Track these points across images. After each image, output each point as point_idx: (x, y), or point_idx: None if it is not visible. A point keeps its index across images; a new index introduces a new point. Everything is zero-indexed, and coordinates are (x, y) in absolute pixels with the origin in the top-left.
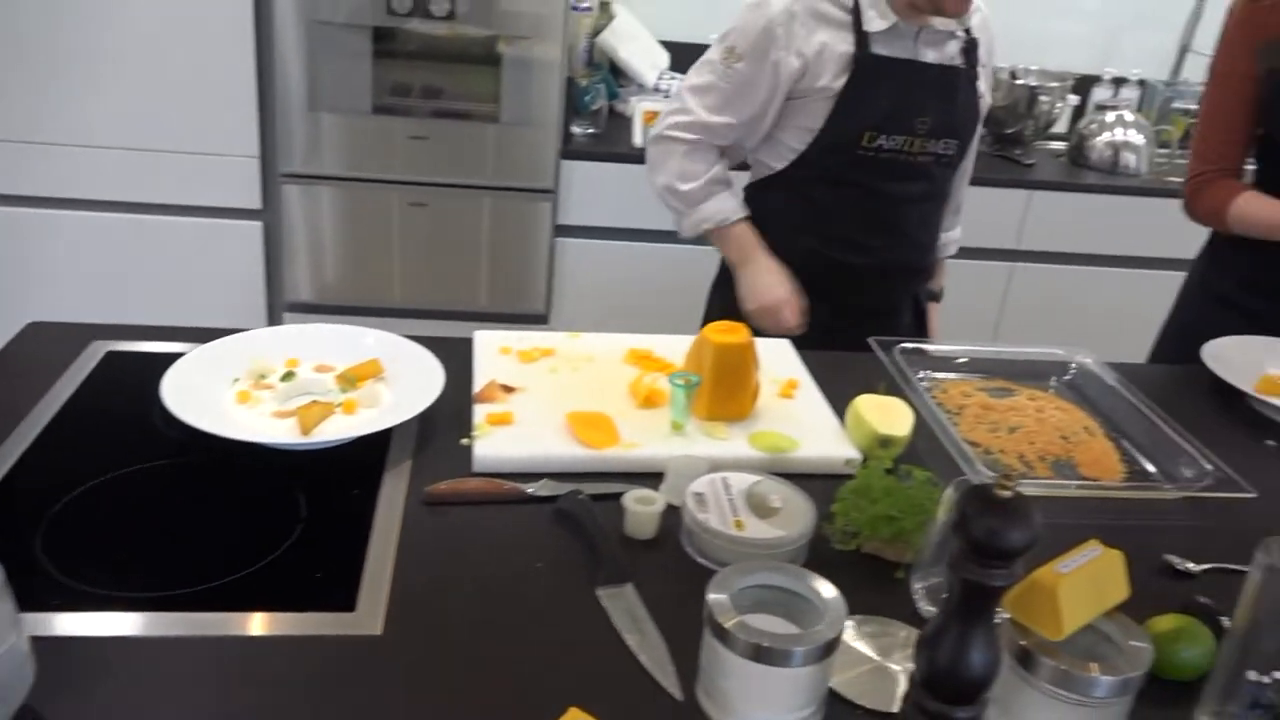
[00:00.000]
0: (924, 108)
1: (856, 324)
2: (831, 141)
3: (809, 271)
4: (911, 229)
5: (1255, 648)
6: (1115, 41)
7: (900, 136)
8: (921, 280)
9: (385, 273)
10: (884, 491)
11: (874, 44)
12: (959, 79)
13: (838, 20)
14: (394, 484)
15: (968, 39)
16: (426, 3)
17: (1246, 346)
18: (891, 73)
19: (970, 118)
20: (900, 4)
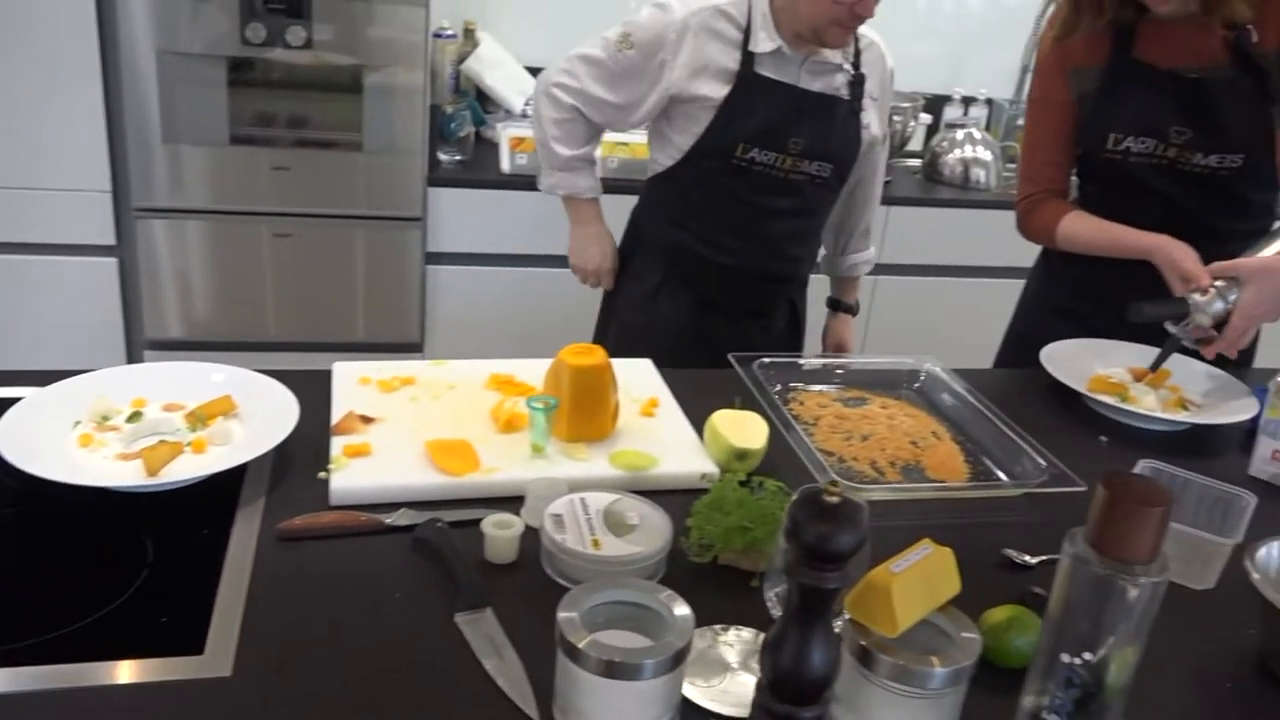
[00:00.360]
0: (798, 129)
1: (732, 322)
2: (710, 148)
3: (678, 261)
4: (778, 239)
5: (1068, 632)
6: (963, 62)
7: (773, 153)
8: (796, 289)
9: (256, 306)
10: (737, 503)
11: (759, 65)
12: (839, 108)
13: (730, 38)
14: (247, 522)
15: (855, 73)
16: (282, 32)
17: (1079, 350)
18: (770, 92)
19: (849, 146)
20: (788, 32)
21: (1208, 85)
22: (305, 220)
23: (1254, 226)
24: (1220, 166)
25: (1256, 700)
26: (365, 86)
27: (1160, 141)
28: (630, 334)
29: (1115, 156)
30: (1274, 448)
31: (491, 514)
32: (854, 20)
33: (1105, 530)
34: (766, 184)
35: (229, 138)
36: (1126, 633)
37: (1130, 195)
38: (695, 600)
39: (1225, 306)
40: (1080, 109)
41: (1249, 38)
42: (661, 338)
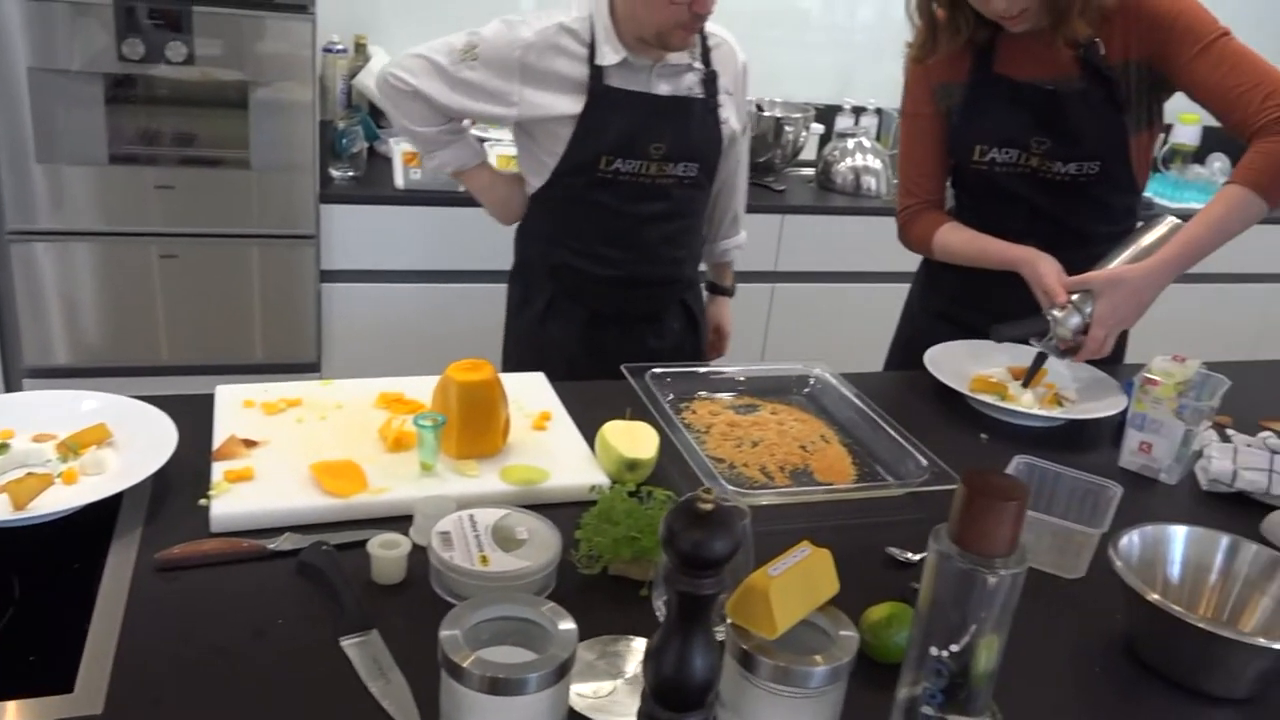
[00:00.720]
0: (659, 134)
1: (625, 331)
2: (574, 164)
3: (563, 279)
4: (655, 245)
5: (936, 625)
6: (853, 73)
7: (636, 161)
8: (684, 289)
9: (147, 330)
10: (625, 514)
11: (608, 77)
12: (695, 107)
13: (576, 53)
14: (122, 553)
15: (706, 71)
16: (162, 48)
17: (961, 351)
18: (622, 103)
19: (711, 143)
20: (631, 40)
21: (1063, 97)
22: (193, 240)
23: (1118, 229)
24: (1080, 174)
25: (1123, 682)
26: (252, 102)
27: (1023, 151)
28: (528, 355)
29: (982, 167)
30: (1140, 440)
31: (379, 534)
32: (695, 20)
33: (966, 526)
34: (635, 192)
35: (108, 157)
36: (989, 622)
37: (999, 203)
38: (586, 612)
39: (1082, 320)
40: (948, 122)
41: (1097, 51)
42: (558, 355)
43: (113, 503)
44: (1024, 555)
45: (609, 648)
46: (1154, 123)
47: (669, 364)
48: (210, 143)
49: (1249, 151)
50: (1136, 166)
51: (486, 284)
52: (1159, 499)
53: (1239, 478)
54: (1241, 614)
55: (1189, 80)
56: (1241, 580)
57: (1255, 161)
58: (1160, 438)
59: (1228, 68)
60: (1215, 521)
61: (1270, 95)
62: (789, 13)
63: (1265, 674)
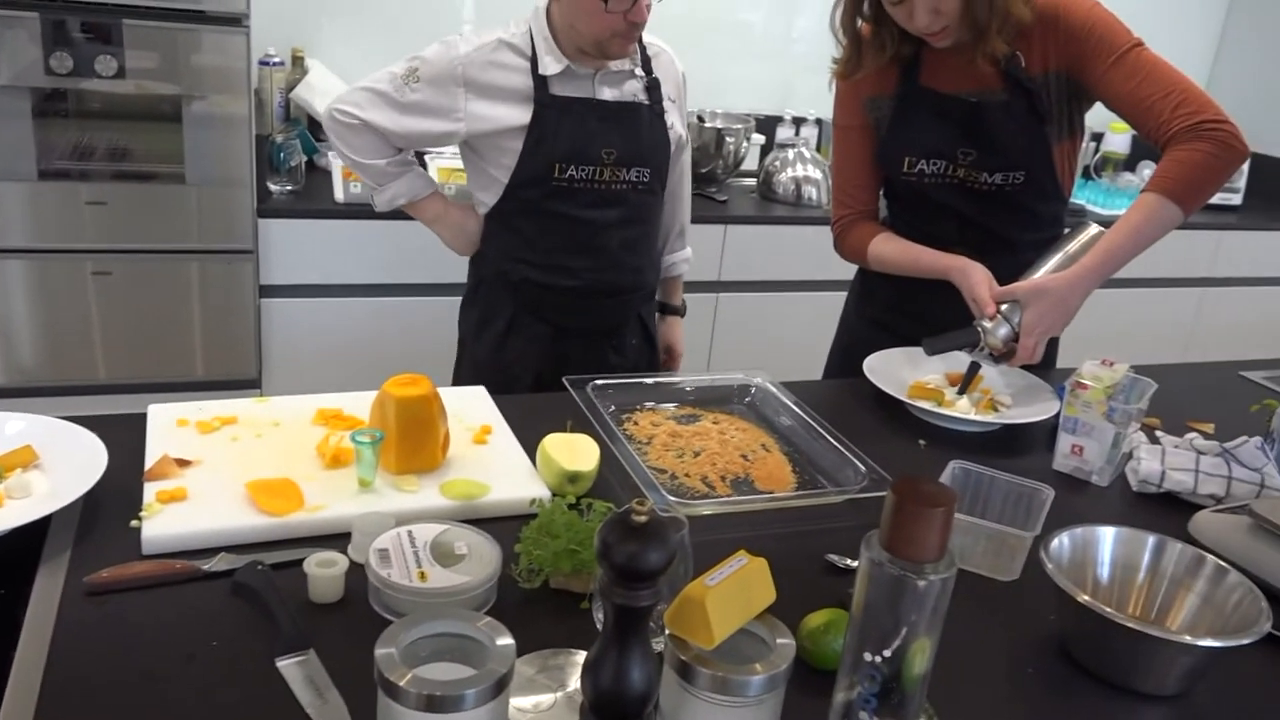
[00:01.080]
0: (608, 139)
1: (586, 346)
2: (528, 176)
3: (524, 295)
4: (615, 251)
5: (869, 630)
6: (793, 84)
7: (589, 166)
8: (642, 301)
9: (83, 349)
10: (565, 526)
11: (552, 86)
12: (642, 112)
13: (517, 66)
14: (50, 578)
15: (649, 79)
16: (92, 61)
17: (899, 358)
18: (569, 109)
19: (660, 148)
20: (571, 50)
21: (986, 108)
22: (128, 256)
23: (1045, 236)
24: (1006, 183)
25: (1057, 682)
26: (186, 116)
27: (950, 162)
28: (486, 374)
29: (912, 178)
30: (1072, 443)
31: (316, 553)
32: (631, 29)
33: (895, 532)
34: (592, 198)
35: (38, 172)
36: (921, 626)
37: (930, 213)
38: (527, 626)
39: (1011, 329)
40: (877, 135)
41: (1019, 63)
42: (520, 373)
43: (40, 526)
44: (953, 560)
45: (550, 661)
46: (1076, 132)
47: (610, 375)
48: (144, 157)
49: (1162, 160)
50: (1061, 175)
51: (429, 297)
52: (1091, 500)
53: (1167, 478)
54: (1169, 611)
55: (1104, 91)
56: (1168, 579)
57: (1169, 170)
58: (1091, 440)
59: (1140, 78)
60: (1145, 522)
61: (1180, 104)
62: (731, 25)
63: (1192, 670)
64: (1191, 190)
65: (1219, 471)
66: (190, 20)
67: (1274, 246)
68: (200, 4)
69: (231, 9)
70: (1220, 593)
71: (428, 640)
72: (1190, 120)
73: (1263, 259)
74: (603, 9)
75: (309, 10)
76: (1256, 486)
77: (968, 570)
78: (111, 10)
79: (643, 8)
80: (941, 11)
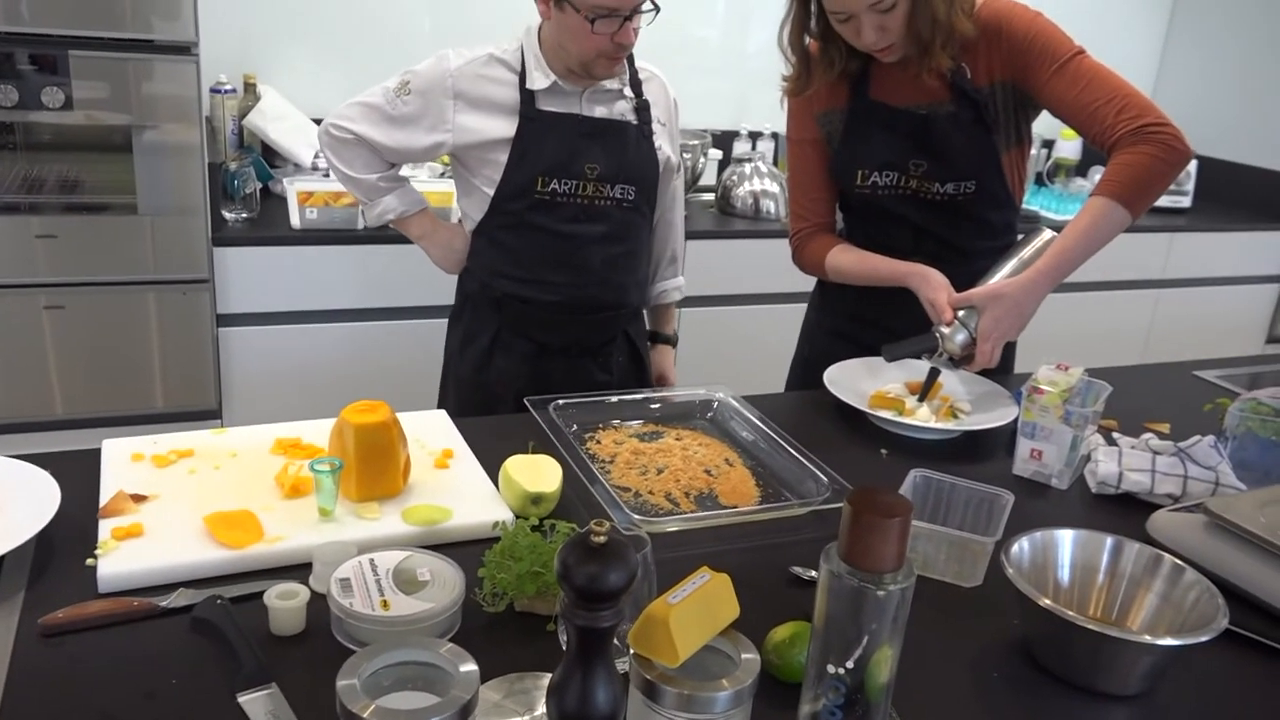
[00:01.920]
0: (591, 155)
1: (571, 364)
2: (512, 189)
3: (508, 311)
4: (599, 267)
5: (831, 641)
6: (748, 99)
7: (572, 181)
8: (628, 320)
9: (37, 384)
10: (528, 549)
11: (539, 101)
12: (629, 131)
13: (506, 80)
14: (2, 620)
15: (639, 100)
16: (38, 93)
17: (859, 368)
18: (555, 124)
19: (646, 167)
20: (560, 69)
21: (935, 120)
22: (81, 290)
23: (998, 243)
24: (958, 193)
25: (1021, 686)
26: (137, 146)
27: (902, 174)
28: (470, 393)
29: (865, 190)
30: (1031, 447)
31: (276, 585)
32: (618, 50)
33: (853, 544)
34: (574, 213)
35: None
36: (882, 635)
37: (884, 224)
38: (492, 650)
39: (969, 335)
40: (829, 148)
41: (965, 75)
42: (503, 390)
43: None
44: (912, 569)
45: (515, 685)
46: (1024, 140)
47: (571, 395)
48: (95, 188)
49: (1109, 164)
50: (1011, 183)
51: (390, 321)
52: (1052, 504)
53: (1125, 479)
54: (1129, 611)
55: (1049, 98)
56: (1127, 578)
57: (1115, 174)
58: (1049, 444)
59: (1083, 85)
60: (1104, 523)
61: (1123, 110)
62: (686, 41)
63: (1153, 669)
64: (1138, 192)
65: (1175, 471)
66: (139, 50)
67: (1224, 247)
68: (150, 34)
69: (181, 38)
70: (1178, 591)
71: (390, 669)
72: (1133, 124)
73: (1213, 259)
74: (589, 30)
75: (261, 37)
76: (1211, 485)
77: (931, 578)
78: (57, 42)
79: (629, 30)
80: (887, 29)
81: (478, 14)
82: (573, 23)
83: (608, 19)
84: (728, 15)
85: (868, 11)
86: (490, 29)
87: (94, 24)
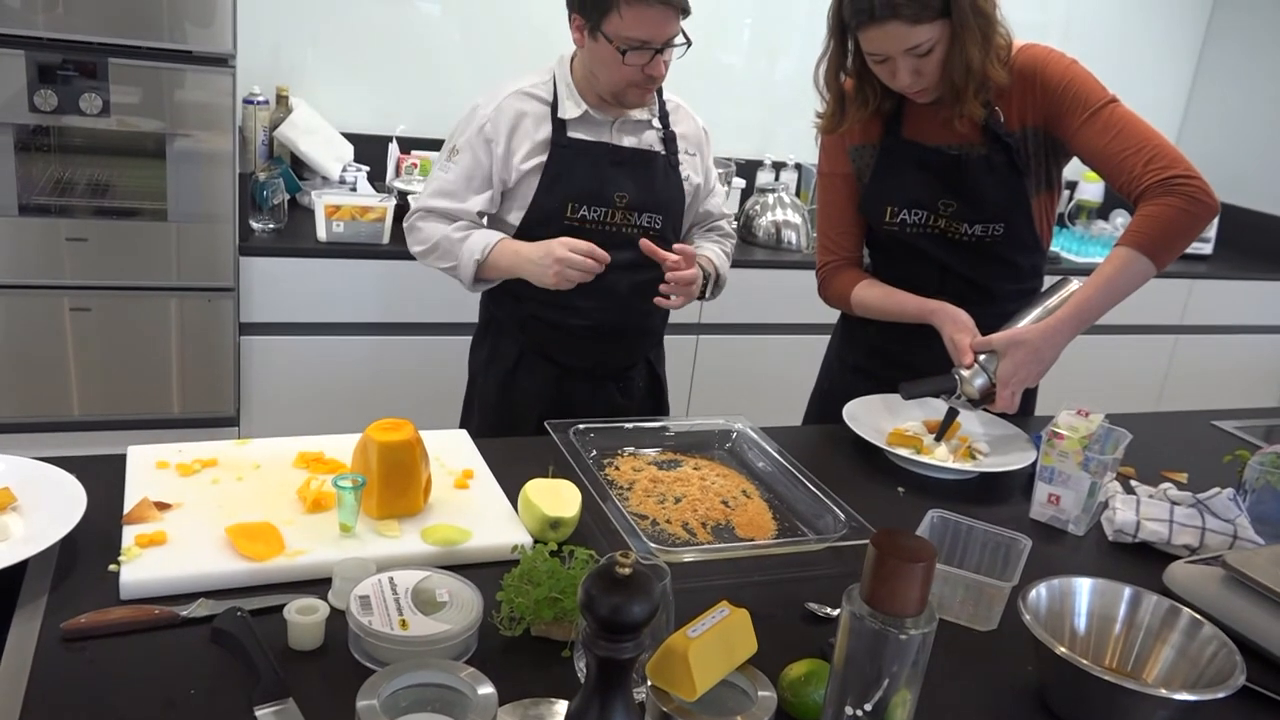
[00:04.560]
0: (620, 184)
1: (593, 387)
2: (541, 215)
3: (533, 334)
4: (624, 294)
5: (851, 682)
6: (773, 129)
7: (601, 208)
8: (650, 346)
9: (59, 386)
10: (547, 574)
11: (570, 129)
12: (656, 161)
13: (538, 113)
14: (26, 624)
15: (666, 131)
16: (76, 99)
17: (878, 405)
18: (586, 152)
19: (674, 196)
20: (592, 98)
21: (967, 161)
22: (107, 293)
23: (1024, 286)
24: (986, 235)
25: None
26: (170, 153)
27: (931, 213)
28: (494, 413)
29: (894, 228)
30: (1049, 492)
31: (296, 599)
32: (649, 82)
33: (876, 586)
34: (602, 240)
35: (18, 207)
36: (901, 678)
37: (911, 262)
38: (508, 674)
39: (988, 379)
40: (859, 183)
41: (998, 118)
42: (525, 412)
43: (16, 571)
44: (933, 613)
45: (530, 711)
46: (1054, 185)
47: (592, 420)
48: (126, 194)
49: (1135, 215)
50: (1040, 227)
51: (410, 336)
52: (1068, 550)
53: (1142, 528)
54: (1145, 663)
55: (1079, 145)
56: (1144, 630)
57: (1141, 225)
58: (1067, 490)
59: (1114, 134)
60: (1121, 572)
61: (1152, 160)
62: (712, 69)
63: None
64: (1163, 244)
65: (1193, 522)
66: (177, 60)
67: (1244, 295)
68: (188, 44)
69: (218, 49)
70: (1195, 646)
71: (408, 690)
72: (1161, 175)
73: (1233, 308)
74: (621, 61)
75: (295, 50)
76: (1230, 538)
77: (946, 620)
78: (98, 50)
79: (660, 63)
80: (923, 72)
81: (507, 27)
82: (605, 53)
83: (639, 51)
84: (753, 44)
85: (904, 55)
86: (519, 40)
87: (134, 33)
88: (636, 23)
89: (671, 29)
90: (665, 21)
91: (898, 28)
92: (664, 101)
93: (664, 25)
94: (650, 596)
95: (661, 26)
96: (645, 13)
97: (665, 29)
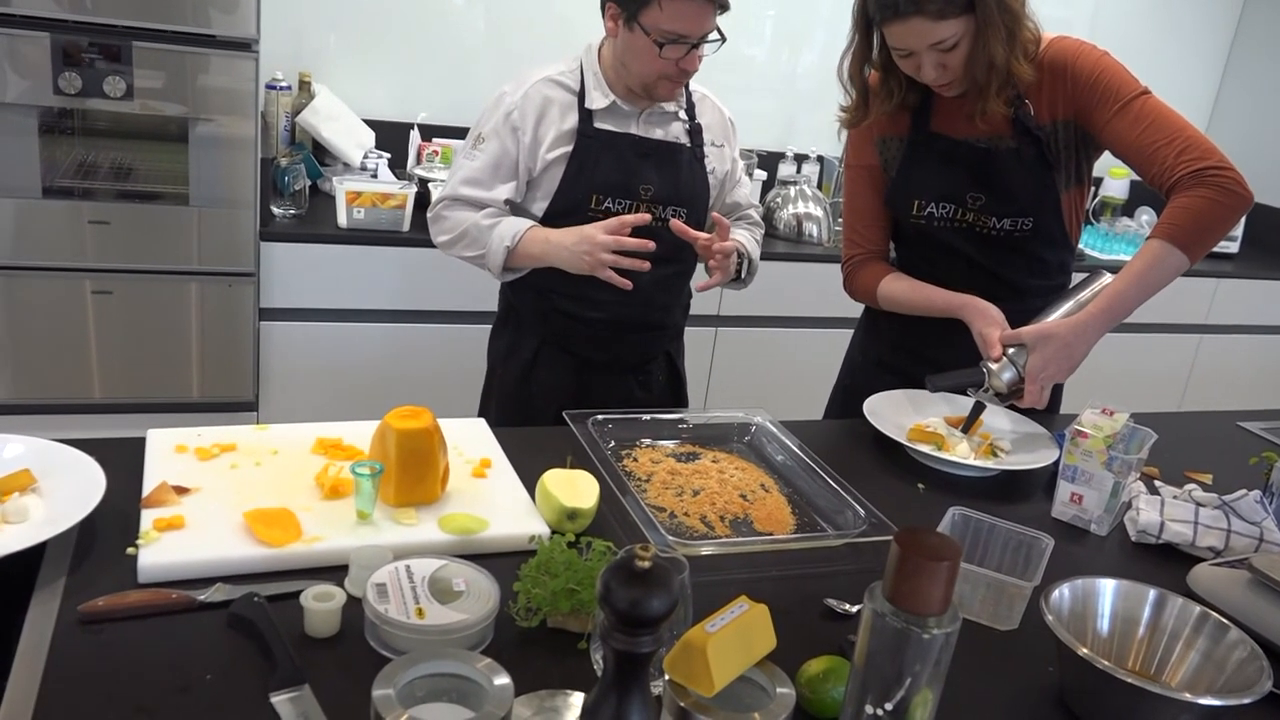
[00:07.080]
0: (646, 176)
1: (612, 380)
2: (565, 206)
3: (553, 326)
4: (645, 287)
5: (871, 681)
6: (795, 121)
7: (625, 200)
8: (670, 339)
9: (78, 367)
10: (564, 565)
11: (597, 120)
12: (682, 154)
13: (565, 101)
14: (44, 605)
15: (692, 123)
16: (100, 82)
17: (900, 400)
18: (612, 144)
19: (699, 191)
20: (620, 89)
21: (996, 154)
22: (128, 276)
23: (1052, 282)
24: (1014, 229)
25: None
26: (192, 137)
27: (959, 206)
28: (512, 404)
29: (920, 221)
30: (1072, 491)
31: (313, 586)
32: (682, 75)
33: (899, 585)
34: None
35: (41, 190)
36: (924, 678)
37: (938, 256)
38: (523, 665)
39: (1017, 373)
40: (886, 176)
41: (1028, 111)
42: (544, 404)
43: (35, 552)
44: (956, 613)
45: (546, 703)
46: (1084, 180)
47: (610, 410)
48: (148, 177)
49: (1167, 206)
50: (1069, 222)
51: (429, 324)
52: (1090, 550)
53: (1166, 529)
54: (1169, 667)
55: (1110, 137)
56: (1168, 633)
57: (1173, 216)
58: (1090, 489)
59: (1145, 125)
60: (1143, 573)
61: (1184, 151)
62: (734, 60)
63: None
64: (1197, 237)
65: (1218, 524)
66: (201, 44)
67: (1270, 295)
68: (211, 29)
69: (242, 34)
70: (1221, 650)
71: (424, 680)
72: (1194, 166)
73: (1259, 308)
74: (657, 54)
75: (317, 36)
76: (1256, 540)
77: (967, 619)
78: (122, 33)
79: (695, 58)
80: (948, 66)
81: (531, 14)
82: (640, 44)
83: (676, 44)
84: (775, 36)
85: (928, 50)
86: (543, 29)
87: (158, 17)
88: (676, 16)
89: (709, 24)
90: (704, 16)
91: (921, 23)
92: (690, 93)
93: (703, 20)
94: (670, 591)
95: (700, 21)
96: (686, 7)
97: (704, 23)
